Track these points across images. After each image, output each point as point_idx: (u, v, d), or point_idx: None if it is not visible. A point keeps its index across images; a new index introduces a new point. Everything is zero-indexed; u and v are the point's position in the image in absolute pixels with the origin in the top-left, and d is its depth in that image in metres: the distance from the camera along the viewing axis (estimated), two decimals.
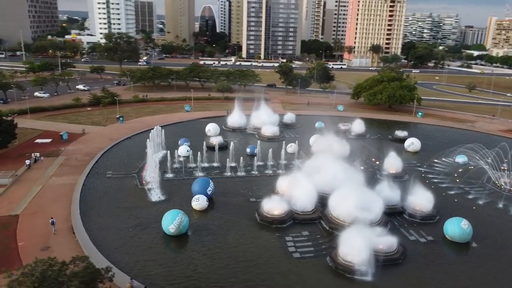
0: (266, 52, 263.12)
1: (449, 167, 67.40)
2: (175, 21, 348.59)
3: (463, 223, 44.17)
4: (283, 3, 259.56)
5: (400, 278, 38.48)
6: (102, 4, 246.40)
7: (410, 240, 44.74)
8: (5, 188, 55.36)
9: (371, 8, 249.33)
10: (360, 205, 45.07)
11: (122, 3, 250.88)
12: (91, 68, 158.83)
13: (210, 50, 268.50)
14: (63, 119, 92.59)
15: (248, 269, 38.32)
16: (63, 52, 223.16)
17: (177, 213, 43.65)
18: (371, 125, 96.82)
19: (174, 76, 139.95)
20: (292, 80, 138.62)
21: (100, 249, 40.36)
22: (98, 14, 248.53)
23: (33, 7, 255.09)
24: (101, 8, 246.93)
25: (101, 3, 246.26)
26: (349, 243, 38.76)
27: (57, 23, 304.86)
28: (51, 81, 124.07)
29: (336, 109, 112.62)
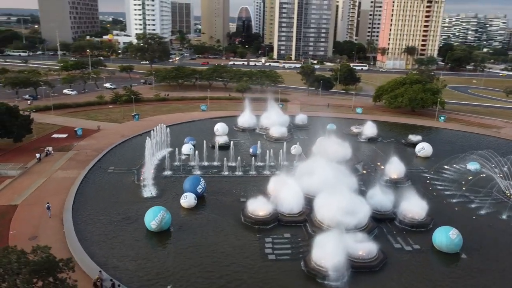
0: (297, 53, 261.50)
1: (458, 174, 64.37)
2: (210, 22, 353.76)
3: (452, 232, 42.11)
4: (316, 3, 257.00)
5: (374, 286, 37.24)
6: (138, 6, 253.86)
7: (395, 248, 43.21)
8: (12, 179, 58.45)
9: (406, 8, 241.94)
10: (344, 209, 43.99)
11: (157, 4, 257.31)
12: (120, 67, 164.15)
13: (241, 50, 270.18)
14: (83, 116, 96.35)
15: (220, 269, 38.38)
16: (100, 52, 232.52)
17: (159, 209, 44.45)
18: (387, 129, 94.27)
19: (197, 76, 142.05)
20: (313, 81, 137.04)
21: (82, 241, 41.80)
22: (134, 15, 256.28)
23: (75, 9, 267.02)
24: (137, 9, 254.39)
25: (137, 5, 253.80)
26: (323, 247, 37.96)
27: (97, 24, 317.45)
28: (79, 79, 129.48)
29: (355, 112, 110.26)
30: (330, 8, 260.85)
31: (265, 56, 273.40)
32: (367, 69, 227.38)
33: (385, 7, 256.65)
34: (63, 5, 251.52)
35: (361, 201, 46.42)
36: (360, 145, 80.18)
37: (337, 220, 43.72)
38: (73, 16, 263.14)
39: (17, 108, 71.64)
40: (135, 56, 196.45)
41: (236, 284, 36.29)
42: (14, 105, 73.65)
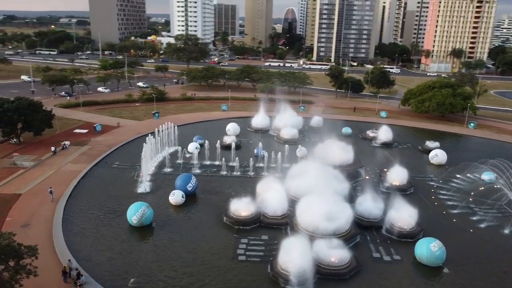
0: (337, 55, 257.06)
1: (469, 184, 60.55)
2: (253, 24, 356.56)
3: (433, 244, 39.79)
4: (357, 4, 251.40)
5: None
6: (181, 8, 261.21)
7: (373, 257, 41.51)
8: (25, 170, 62.41)
9: (454, 9, 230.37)
10: (323, 214, 42.86)
11: (199, 6, 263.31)
12: (155, 67, 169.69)
13: (280, 52, 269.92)
14: (108, 113, 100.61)
15: (187, 267, 38.59)
16: (142, 52, 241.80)
17: (141, 205, 45.67)
18: (408, 134, 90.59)
19: (226, 76, 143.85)
20: (342, 83, 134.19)
21: (66, 231, 43.84)
22: (177, 17, 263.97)
23: (122, 11, 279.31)
24: (180, 11, 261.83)
25: (180, 7, 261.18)
26: (288, 251, 37.30)
27: (144, 25, 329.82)
28: (113, 78, 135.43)
29: (379, 116, 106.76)
30: (373, 9, 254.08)
31: (304, 57, 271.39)
32: (399, 71, 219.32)
33: (431, 7, 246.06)
34: (111, 8, 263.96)
35: (344, 206, 44.94)
36: (373, 150, 77.66)
37: (315, 225, 42.79)
38: (120, 18, 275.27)
39: (39, 103, 76.18)
40: (174, 56, 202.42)
41: (198, 284, 36.35)
42: (38, 100, 78.34)
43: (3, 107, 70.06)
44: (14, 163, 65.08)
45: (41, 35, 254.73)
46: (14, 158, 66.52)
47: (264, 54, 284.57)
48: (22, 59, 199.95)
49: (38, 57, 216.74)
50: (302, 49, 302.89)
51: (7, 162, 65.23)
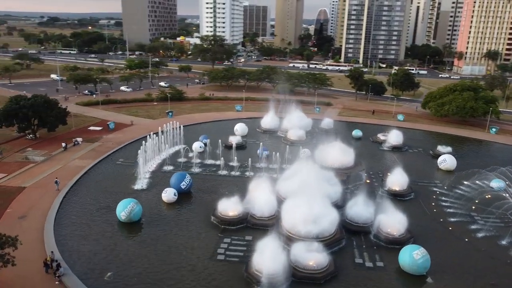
0: (365, 56, 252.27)
1: (475, 192, 57.89)
2: (282, 25, 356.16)
3: (417, 252, 38.39)
4: (387, 5, 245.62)
5: None
6: (209, 9, 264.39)
7: (354, 263, 40.53)
8: (34, 164, 65.18)
9: (489, 9, 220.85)
10: (306, 216, 42.28)
11: (227, 8, 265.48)
12: (179, 67, 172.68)
13: (308, 53, 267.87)
14: (125, 111, 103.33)
15: (163, 264, 39.03)
16: (171, 52, 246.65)
17: (129, 201, 46.66)
18: (423, 138, 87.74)
19: (246, 77, 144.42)
20: (362, 85, 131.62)
21: (58, 225, 45.45)
22: (205, 18, 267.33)
23: (153, 12, 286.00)
24: (208, 12, 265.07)
25: (208, 8, 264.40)
26: (262, 253, 37.07)
27: (175, 26, 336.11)
28: (136, 77, 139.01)
29: (396, 119, 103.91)
30: (404, 10, 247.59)
31: (332, 59, 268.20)
32: (425, 73, 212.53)
33: (465, 7, 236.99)
34: (143, 9, 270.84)
35: (329, 210, 44.11)
36: (381, 153, 75.75)
37: (297, 227, 42.31)
38: (151, 19, 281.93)
39: (54, 101, 79.26)
40: (199, 56, 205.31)
41: (170, 282, 36.62)
42: (54, 98, 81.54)
43: (20, 104, 73.45)
44: (26, 157, 68.09)
45: (76, 36, 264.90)
46: (26, 153, 69.65)
47: (292, 55, 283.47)
48: (54, 58, 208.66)
49: (69, 56, 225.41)
50: (331, 51, 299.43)
51: (19, 156, 68.39)
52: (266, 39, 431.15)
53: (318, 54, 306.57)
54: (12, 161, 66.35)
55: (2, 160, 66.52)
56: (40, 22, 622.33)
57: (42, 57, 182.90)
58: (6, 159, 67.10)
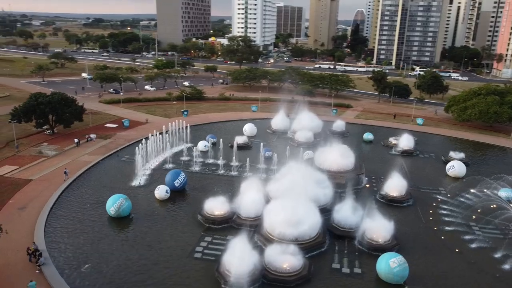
0: (398, 58, 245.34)
1: (480, 201, 54.99)
2: (315, 26, 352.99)
3: (393, 260, 37.09)
4: (423, 5, 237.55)
5: None
6: (241, 10, 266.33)
7: (331, 268, 39.68)
8: (46, 158, 68.29)
9: None
10: (286, 219, 41.85)
11: (259, 8, 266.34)
12: (205, 67, 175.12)
13: (339, 54, 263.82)
14: (144, 110, 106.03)
15: (138, 260, 39.70)
16: (201, 53, 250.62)
17: (118, 197, 47.97)
18: (439, 143, 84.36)
19: (269, 77, 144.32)
20: (384, 87, 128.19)
21: (51, 217, 47.42)
22: (237, 18, 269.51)
23: (187, 14, 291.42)
24: (240, 13, 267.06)
25: (240, 9, 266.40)
26: (232, 253, 37.08)
27: (209, 27, 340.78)
28: (160, 77, 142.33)
29: (415, 123, 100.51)
30: (440, 10, 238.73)
31: (364, 60, 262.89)
32: (457, 76, 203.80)
33: (506, 7, 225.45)
34: (176, 10, 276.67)
35: (311, 213, 43.36)
36: (390, 158, 73.52)
37: (276, 229, 41.97)
38: (184, 20, 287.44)
39: (71, 98, 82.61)
40: (227, 57, 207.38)
41: (143, 277, 37.23)
42: (72, 96, 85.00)
43: (38, 100, 77.17)
44: (40, 151, 71.45)
45: (112, 36, 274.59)
46: (40, 147, 73.08)
47: (324, 56, 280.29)
48: (88, 57, 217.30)
49: (100, 56, 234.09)
50: (364, 52, 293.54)
51: (34, 150, 71.83)
52: (301, 40, 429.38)
53: (352, 55, 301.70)
54: (26, 154, 69.80)
55: (18, 153, 70.14)
56: (85, 23, 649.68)
57: (76, 57, 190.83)
58: (22, 152, 70.67)
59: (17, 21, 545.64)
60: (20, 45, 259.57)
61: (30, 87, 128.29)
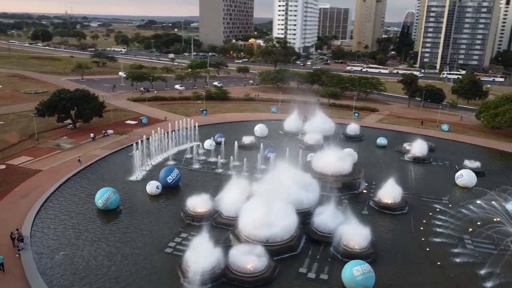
0: (443, 62, 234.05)
1: (483, 213, 51.37)
2: (360, 27, 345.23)
3: (357, 268, 35.67)
4: (472, 6, 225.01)
5: None
6: (281, 12, 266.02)
7: (297, 272, 38.80)
8: (60, 151, 72.12)
9: None
10: (256, 220, 41.49)
11: (300, 10, 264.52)
12: (237, 68, 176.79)
13: (380, 57, 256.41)
14: (166, 108, 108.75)
15: (109, 253, 40.74)
16: (240, 54, 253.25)
17: (107, 190, 49.75)
18: (459, 151, 79.40)
19: (296, 79, 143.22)
20: (415, 91, 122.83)
21: (45, 206, 50.14)
22: (277, 20, 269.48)
23: (229, 15, 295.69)
24: (280, 14, 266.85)
25: (281, 10, 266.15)
26: (193, 250, 37.38)
27: (251, 28, 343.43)
28: (190, 76, 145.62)
29: (440, 129, 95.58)
30: (491, 11, 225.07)
31: (405, 63, 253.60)
32: (502, 81, 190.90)
33: None
34: (218, 12, 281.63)
35: (287, 215, 42.60)
36: (399, 164, 70.44)
37: (247, 229, 41.75)
38: (226, 22, 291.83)
39: (92, 94, 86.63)
40: (262, 58, 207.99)
41: (105, 269, 38.14)
42: (93, 93, 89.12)
43: (60, 96, 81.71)
44: (58, 144, 75.58)
45: (156, 37, 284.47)
46: (58, 140, 77.28)
47: (365, 59, 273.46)
48: (128, 57, 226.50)
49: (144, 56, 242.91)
50: (408, 55, 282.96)
51: (52, 143, 76.11)
52: (345, 42, 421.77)
53: (396, 58, 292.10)
54: (45, 147, 74.09)
55: (38, 145, 74.65)
56: (139, 24, 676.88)
57: (116, 56, 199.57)
58: (41, 144, 75.09)
59: (77, 23, 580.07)
60: (70, 45, 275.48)
61: (68, 84, 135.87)
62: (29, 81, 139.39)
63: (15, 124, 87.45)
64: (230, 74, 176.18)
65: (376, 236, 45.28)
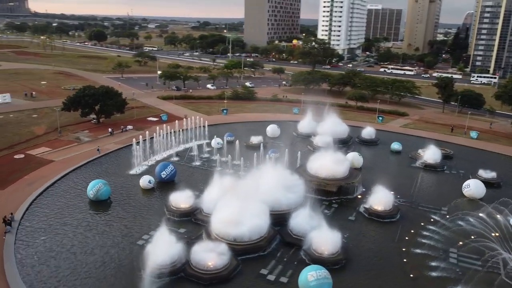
0: (497, 65, 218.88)
1: (483, 227, 47.68)
2: (411, 29, 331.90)
3: (312, 273, 34.63)
4: None
5: None
6: (326, 13, 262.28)
7: (258, 273, 38.29)
8: (77, 144, 76.20)
9: None
10: (227, 219, 41.52)
11: (345, 11, 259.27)
12: (273, 69, 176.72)
13: (429, 60, 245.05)
14: (191, 106, 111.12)
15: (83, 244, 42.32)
16: (282, 55, 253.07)
17: (98, 182, 52.01)
18: (482, 160, 73.97)
19: (328, 80, 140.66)
20: (450, 96, 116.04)
21: (45, 194, 53.39)
22: (322, 21, 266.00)
23: (274, 17, 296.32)
24: (325, 16, 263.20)
25: (325, 12, 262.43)
26: (154, 244, 38.17)
27: (297, 30, 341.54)
28: (221, 76, 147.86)
29: (468, 136, 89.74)
30: None
31: (455, 67, 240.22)
32: None
33: None
34: (263, 14, 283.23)
35: (258, 216, 42.18)
36: (407, 170, 67.08)
37: (218, 227, 41.90)
38: (270, 23, 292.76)
39: (115, 91, 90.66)
40: (301, 59, 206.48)
41: (78, 257, 39.77)
42: (117, 90, 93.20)
43: (85, 92, 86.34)
44: (78, 137, 79.95)
45: (202, 38, 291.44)
46: (78, 134, 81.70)
47: (414, 62, 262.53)
48: (172, 56, 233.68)
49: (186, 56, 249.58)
50: (461, 58, 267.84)
51: (73, 136, 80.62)
52: (397, 44, 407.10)
53: (448, 61, 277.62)
54: (65, 139, 78.65)
55: (60, 138, 79.39)
56: (193, 26, 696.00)
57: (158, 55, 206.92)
58: (63, 137, 79.76)
59: (136, 24, 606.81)
60: (121, 45, 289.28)
61: (107, 81, 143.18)
62: (73, 78, 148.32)
63: (47, 117, 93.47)
64: (265, 75, 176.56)
65: (355, 243, 43.76)
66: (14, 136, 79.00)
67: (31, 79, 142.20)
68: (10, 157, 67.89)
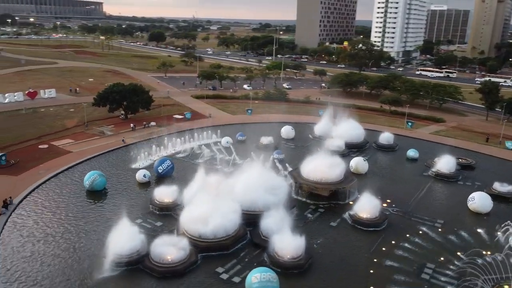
0: None
1: (478, 243, 43.86)
2: (477, 31, 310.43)
3: (257, 275, 34.09)
4: None
5: None
6: (380, 14, 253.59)
7: (213, 271, 38.22)
8: (99, 137, 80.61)
9: None
10: (192, 215, 42.02)
11: (401, 11, 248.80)
12: (314, 71, 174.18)
13: (491, 63, 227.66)
14: (219, 106, 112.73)
15: (72, 228, 45.03)
16: (331, 57, 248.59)
17: (93, 173, 54.79)
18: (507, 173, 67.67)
19: (365, 83, 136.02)
20: (494, 102, 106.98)
21: (50, 181, 57.31)
22: (375, 23, 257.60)
23: (326, 18, 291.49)
24: (378, 17, 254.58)
25: (379, 13, 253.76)
26: (116, 233, 39.56)
27: (351, 31, 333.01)
28: (259, 77, 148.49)
29: (503, 145, 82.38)
30: None
31: None
32: None
33: None
34: (315, 15, 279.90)
35: (225, 215, 42.12)
36: (415, 179, 62.97)
37: (185, 223, 42.52)
38: (323, 25, 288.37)
39: (142, 88, 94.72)
40: (347, 61, 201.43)
41: (56, 245, 41.82)
42: (144, 88, 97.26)
43: (113, 89, 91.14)
44: (102, 131, 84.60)
45: (253, 39, 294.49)
46: (102, 128, 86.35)
47: (475, 66, 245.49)
48: (220, 57, 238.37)
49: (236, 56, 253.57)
50: None
51: (97, 130, 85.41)
52: (462, 47, 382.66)
53: None
54: (90, 132, 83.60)
55: (86, 131, 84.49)
56: (254, 28, 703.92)
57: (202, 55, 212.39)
58: (89, 131, 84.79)
59: (199, 26, 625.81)
60: (176, 45, 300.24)
61: (149, 79, 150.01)
62: (119, 76, 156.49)
63: (82, 111, 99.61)
64: (305, 76, 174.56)
65: (326, 250, 42.26)
66: (47, 128, 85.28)
67: (81, 76, 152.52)
68: (35, 147, 73.17)
